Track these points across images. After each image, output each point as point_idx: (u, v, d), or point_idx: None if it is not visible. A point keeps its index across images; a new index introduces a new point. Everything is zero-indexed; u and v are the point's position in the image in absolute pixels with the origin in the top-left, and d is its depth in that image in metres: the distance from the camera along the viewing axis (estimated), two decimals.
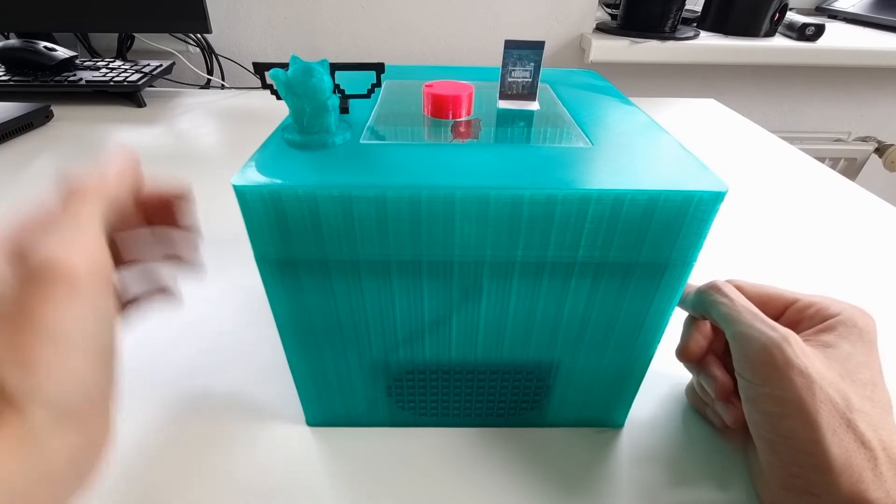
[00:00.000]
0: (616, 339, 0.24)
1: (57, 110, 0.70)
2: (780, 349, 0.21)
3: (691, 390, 0.30)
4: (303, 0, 0.89)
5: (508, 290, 0.22)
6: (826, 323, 0.24)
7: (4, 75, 0.73)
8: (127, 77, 0.74)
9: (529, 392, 0.27)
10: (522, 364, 0.25)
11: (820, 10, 1.15)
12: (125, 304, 0.22)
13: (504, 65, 0.27)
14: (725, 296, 0.25)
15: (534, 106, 0.28)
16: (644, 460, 0.27)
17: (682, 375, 0.31)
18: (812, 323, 0.24)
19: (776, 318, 0.25)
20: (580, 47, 0.96)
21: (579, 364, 0.25)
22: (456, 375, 0.26)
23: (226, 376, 0.31)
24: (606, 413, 0.28)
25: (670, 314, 0.23)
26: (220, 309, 0.36)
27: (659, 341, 0.24)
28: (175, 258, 0.22)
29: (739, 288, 0.26)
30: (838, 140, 1.12)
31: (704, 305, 0.26)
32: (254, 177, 0.19)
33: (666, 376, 0.31)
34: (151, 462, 0.26)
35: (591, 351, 0.25)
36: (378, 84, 0.25)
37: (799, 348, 0.22)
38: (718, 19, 0.97)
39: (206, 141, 0.66)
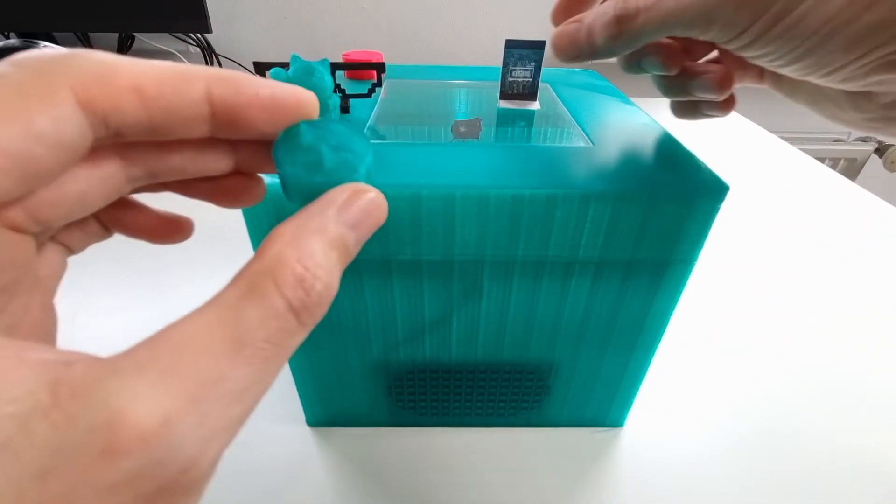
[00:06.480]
0: (616, 339, 0.24)
1: None
2: None
3: (675, 107, 0.24)
4: (302, 0, 0.89)
5: (508, 289, 0.22)
6: None
7: None
8: None
9: (530, 392, 0.27)
10: (523, 364, 0.25)
11: None
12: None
13: (504, 64, 0.27)
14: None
15: (534, 106, 0.28)
16: (644, 460, 0.27)
17: (683, 376, 0.31)
18: None
19: None
20: None
21: (579, 364, 0.25)
22: (456, 375, 0.26)
23: None
24: (606, 413, 0.28)
25: (671, 314, 0.23)
26: None
27: (659, 341, 0.24)
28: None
29: None
30: (838, 140, 1.12)
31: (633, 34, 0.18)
32: None
33: (666, 376, 0.31)
34: None
35: (592, 351, 0.25)
36: (378, 84, 0.25)
37: None
38: None
39: None
